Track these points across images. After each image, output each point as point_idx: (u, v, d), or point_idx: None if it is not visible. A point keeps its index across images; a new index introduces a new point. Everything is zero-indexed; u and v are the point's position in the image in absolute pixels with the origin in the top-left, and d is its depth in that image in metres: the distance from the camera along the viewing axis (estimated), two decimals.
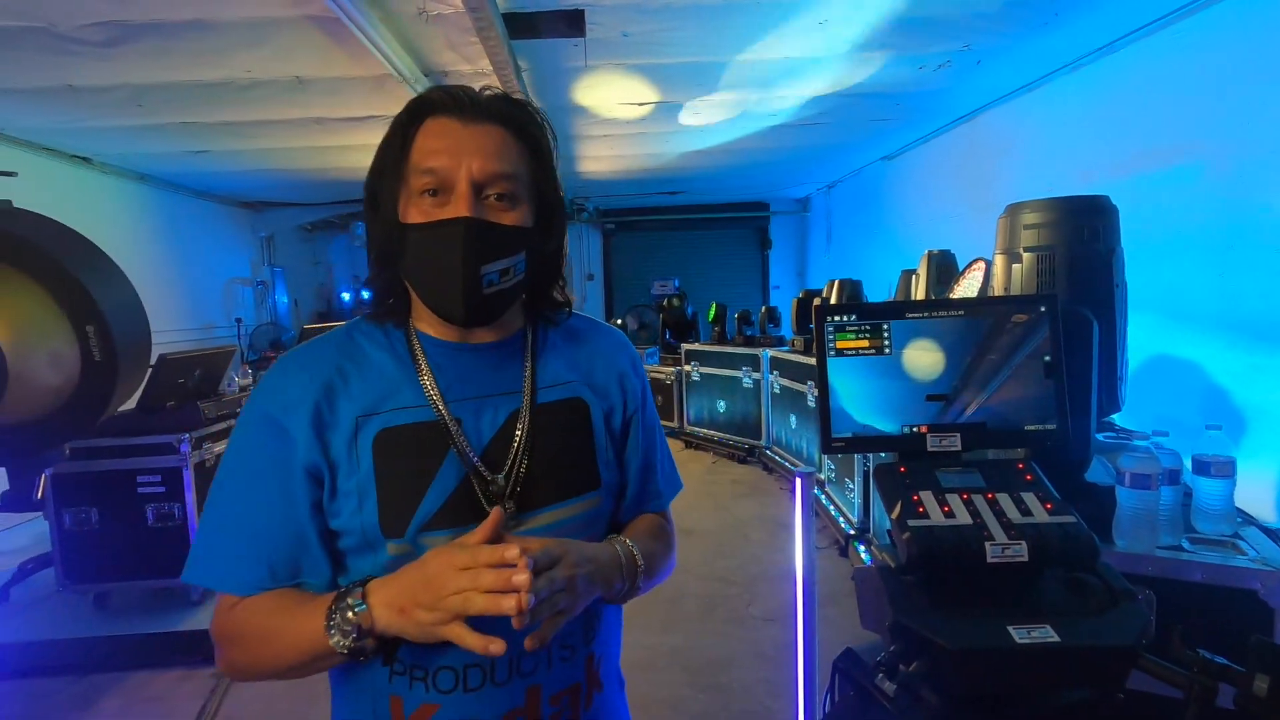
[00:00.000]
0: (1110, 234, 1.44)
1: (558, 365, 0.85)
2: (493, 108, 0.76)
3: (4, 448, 1.19)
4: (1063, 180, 4.04)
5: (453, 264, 0.72)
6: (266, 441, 0.75)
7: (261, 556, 0.74)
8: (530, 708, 0.76)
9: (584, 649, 0.81)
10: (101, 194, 5.77)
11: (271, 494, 0.74)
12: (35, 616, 3.32)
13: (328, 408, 0.75)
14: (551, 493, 0.79)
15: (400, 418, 0.76)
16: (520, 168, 0.77)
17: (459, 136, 0.74)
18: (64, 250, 1.12)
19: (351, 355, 0.79)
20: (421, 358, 0.79)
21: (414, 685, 0.75)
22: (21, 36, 3.10)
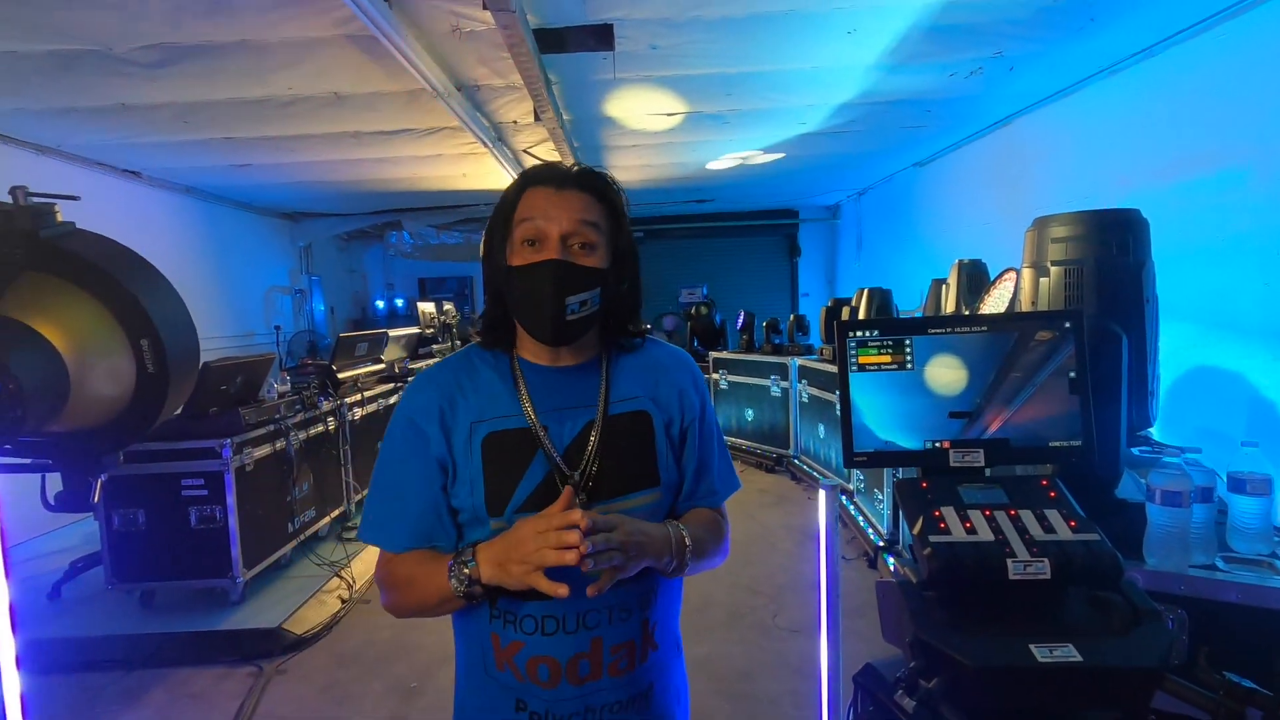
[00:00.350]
0: (1140, 247, 1.42)
1: (628, 384, 1.03)
2: (579, 179, 0.98)
3: (66, 454, 1.26)
4: (1100, 187, 3.96)
5: (545, 294, 0.92)
6: (410, 439, 0.98)
7: (410, 525, 0.98)
8: (594, 653, 0.96)
9: (640, 613, 0.99)
10: (150, 206, 6.01)
11: (416, 479, 0.97)
12: (85, 613, 3.46)
13: (450, 414, 0.98)
14: (617, 487, 0.98)
15: (502, 424, 0.97)
16: (599, 223, 0.97)
17: (552, 200, 0.95)
18: (121, 269, 1.18)
19: (469, 373, 1.01)
20: (520, 378, 1.00)
21: (506, 627, 0.96)
22: (79, 59, 3.26)
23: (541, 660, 0.94)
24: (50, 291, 1.14)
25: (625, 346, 1.06)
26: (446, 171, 6.15)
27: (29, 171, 4.66)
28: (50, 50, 3.14)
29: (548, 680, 0.95)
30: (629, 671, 0.98)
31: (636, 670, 0.98)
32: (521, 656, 0.95)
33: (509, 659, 0.96)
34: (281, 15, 2.90)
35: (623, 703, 0.98)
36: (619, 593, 0.94)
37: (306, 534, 4.04)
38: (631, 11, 3.11)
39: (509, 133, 5.02)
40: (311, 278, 8.65)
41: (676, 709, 1.09)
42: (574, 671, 0.95)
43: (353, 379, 4.84)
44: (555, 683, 0.95)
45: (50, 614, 3.47)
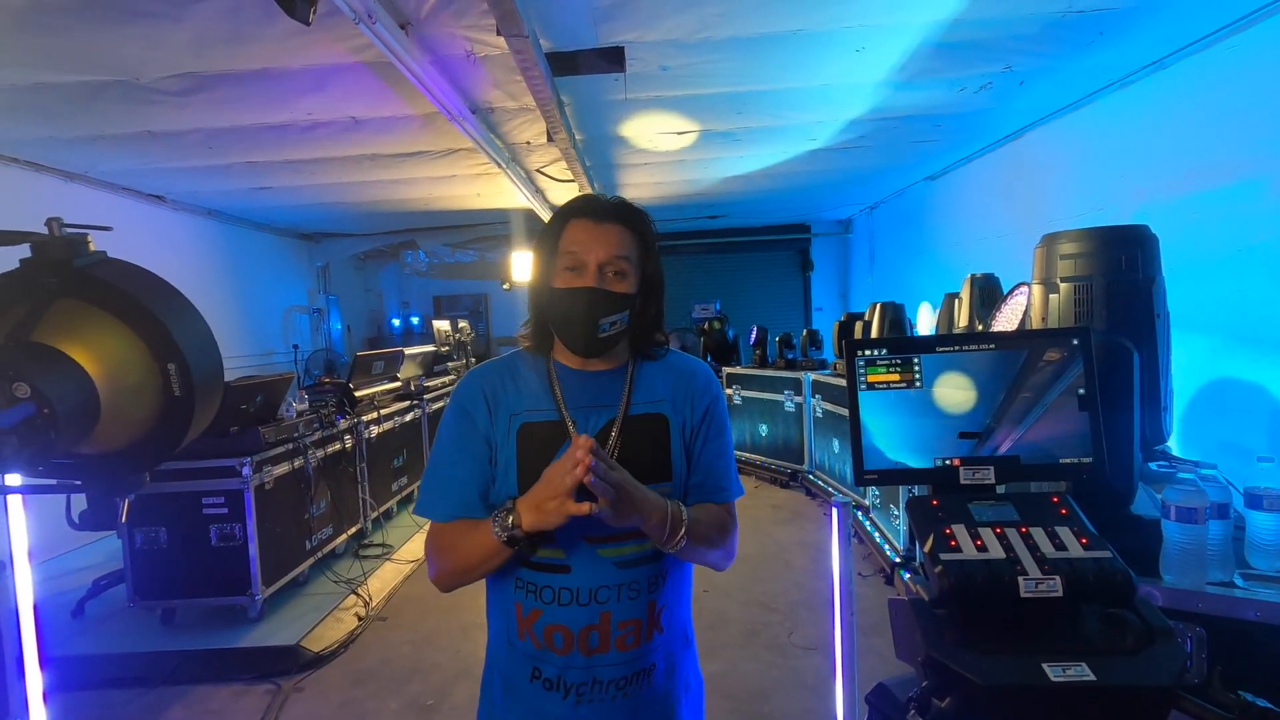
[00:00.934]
0: (1150, 263, 1.42)
1: (649, 388, 1.16)
2: (616, 212, 1.12)
3: (96, 475, 1.30)
4: (1112, 199, 3.95)
5: (580, 316, 1.07)
6: (462, 423, 1.13)
7: (460, 496, 1.11)
8: (603, 626, 1.07)
9: (647, 595, 1.10)
10: (174, 229, 6.14)
11: (467, 457, 1.11)
12: (107, 630, 3.51)
13: (494, 405, 1.12)
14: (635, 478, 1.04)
15: (536, 416, 1.12)
16: (631, 252, 1.11)
17: (592, 233, 1.09)
18: (149, 295, 1.22)
19: (512, 372, 1.16)
20: (554, 378, 1.14)
21: (528, 597, 1.09)
22: (107, 89, 3.36)
23: (557, 629, 1.07)
24: (82, 318, 1.18)
25: (650, 355, 1.19)
26: (461, 191, 6.24)
27: (58, 197, 4.79)
28: (79, 80, 3.25)
29: (561, 647, 1.06)
30: (634, 648, 1.08)
31: (641, 648, 1.09)
32: (540, 624, 1.07)
33: (529, 627, 1.08)
34: (302, 43, 2.98)
35: (627, 678, 1.08)
36: (629, 572, 1.08)
37: (324, 551, 4.07)
38: (642, 34, 3.17)
39: (522, 153, 5.10)
40: (329, 297, 8.77)
41: (684, 697, 1.18)
42: (585, 642, 1.06)
43: (369, 397, 4.90)
44: (568, 650, 1.06)
45: (74, 631, 3.52)
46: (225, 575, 3.38)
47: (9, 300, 1.16)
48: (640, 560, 1.09)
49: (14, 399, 1.05)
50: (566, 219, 1.12)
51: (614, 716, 1.09)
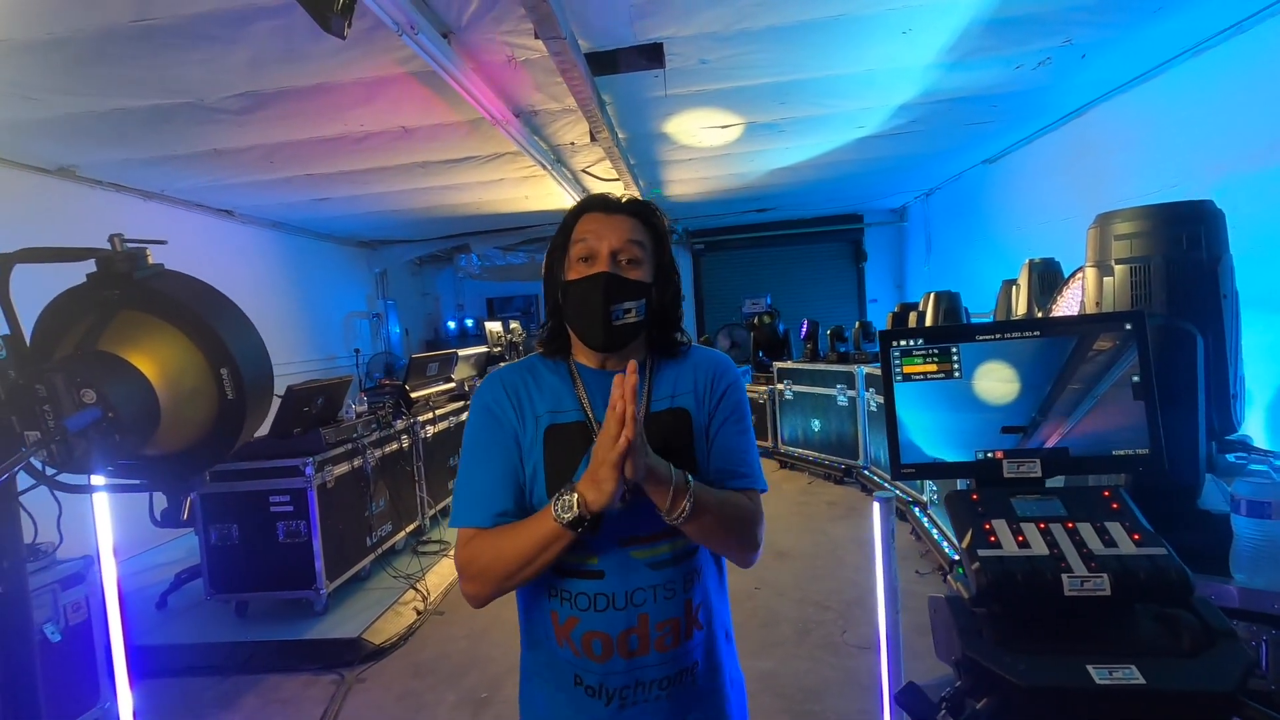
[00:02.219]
0: (1215, 241, 1.32)
1: (670, 384, 1.14)
2: (626, 206, 1.13)
3: (159, 475, 1.38)
4: (1188, 175, 3.72)
5: (595, 301, 1.05)
6: (489, 424, 1.11)
7: (498, 500, 1.07)
8: (641, 628, 1.05)
9: (683, 594, 1.08)
10: (242, 241, 6.47)
11: (497, 458, 1.09)
12: (187, 621, 3.73)
13: (519, 406, 1.11)
14: None
15: (563, 418, 1.10)
16: (644, 241, 1.11)
17: (604, 223, 1.10)
18: (203, 304, 1.29)
19: (534, 374, 1.15)
20: (577, 379, 1.13)
21: (564, 604, 1.07)
22: (176, 111, 3.57)
23: (595, 635, 1.04)
24: (142, 327, 1.25)
25: (669, 353, 1.16)
26: (509, 195, 6.35)
27: (138, 215, 5.12)
28: (151, 105, 3.46)
29: (601, 654, 1.04)
30: (674, 648, 1.06)
31: (681, 647, 1.07)
32: (578, 632, 1.05)
33: (567, 635, 1.06)
34: (350, 58, 3.09)
35: (670, 678, 1.06)
36: (664, 573, 1.06)
37: (384, 548, 4.22)
38: (680, 29, 3.15)
39: (567, 154, 5.15)
40: (387, 302, 9.07)
41: (730, 692, 1.15)
42: (624, 646, 1.04)
43: (425, 398, 5.05)
44: (607, 656, 1.04)
45: (157, 622, 3.75)
46: (292, 570, 3.54)
47: (78, 312, 1.25)
48: (674, 560, 1.07)
49: (82, 404, 1.13)
50: (578, 214, 1.13)
51: (659, 718, 1.07)
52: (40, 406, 1.13)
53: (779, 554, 4.19)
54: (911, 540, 4.30)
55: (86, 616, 2.66)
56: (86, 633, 2.65)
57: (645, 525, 1.05)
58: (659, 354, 1.16)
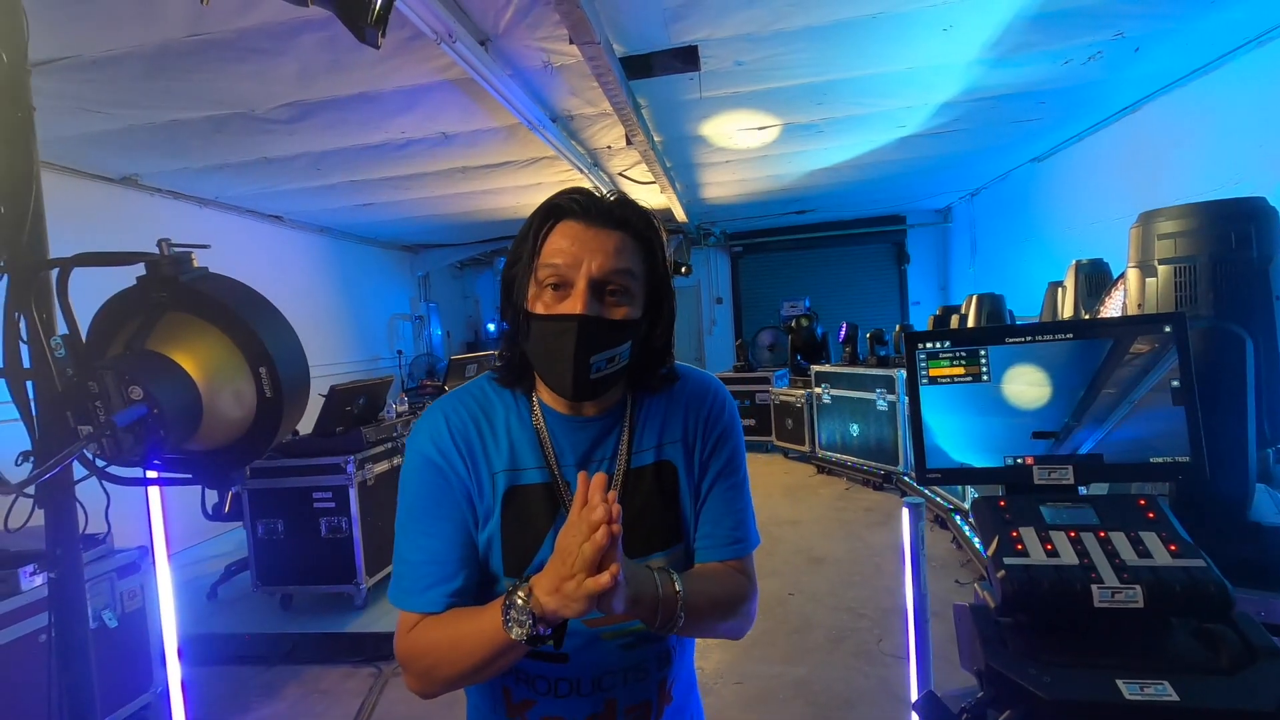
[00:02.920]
0: (1267, 240, 1.26)
1: (655, 430, 0.93)
2: (614, 213, 0.85)
3: (202, 469, 1.44)
4: (1251, 171, 3.55)
5: (566, 353, 0.82)
6: (434, 480, 0.88)
7: (447, 576, 0.86)
8: (608, 713, 0.90)
9: (657, 674, 0.93)
10: (291, 246, 6.70)
11: (446, 522, 0.87)
12: (236, 612, 3.87)
13: (470, 458, 0.88)
14: (638, 546, 0.88)
15: (524, 478, 0.88)
16: (635, 265, 0.85)
17: (583, 238, 0.83)
18: (243, 305, 1.35)
19: (487, 414, 0.91)
20: (542, 425, 0.90)
21: (519, 685, 0.90)
22: (228, 122, 3.72)
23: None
24: (186, 327, 1.31)
25: (654, 389, 0.94)
26: None
27: (194, 221, 5.35)
28: (205, 116, 3.61)
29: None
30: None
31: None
32: (533, 714, 0.90)
33: (521, 714, 0.91)
34: (391, 66, 3.18)
35: None
36: (635, 653, 0.90)
37: None
38: (714, 31, 3.15)
39: (604, 158, 5.19)
40: (429, 304, 9.26)
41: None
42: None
43: None
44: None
45: (208, 612, 3.91)
46: (334, 564, 3.64)
47: (127, 313, 1.32)
48: (648, 639, 0.90)
49: (129, 401, 1.19)
50: (552, 220, 0.85)
51: None
52: (92, 402, 1.20)
53: (814, 560, 4.13)
54: (952, 549, 4.19)
55: (141, 604, 2.79)
56: (141, 620, 2.78)
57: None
58: (642, 389, 0.94)
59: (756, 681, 2.90)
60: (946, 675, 1.90)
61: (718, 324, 9.84)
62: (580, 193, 0.86)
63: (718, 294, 9.81)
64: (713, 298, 9.82)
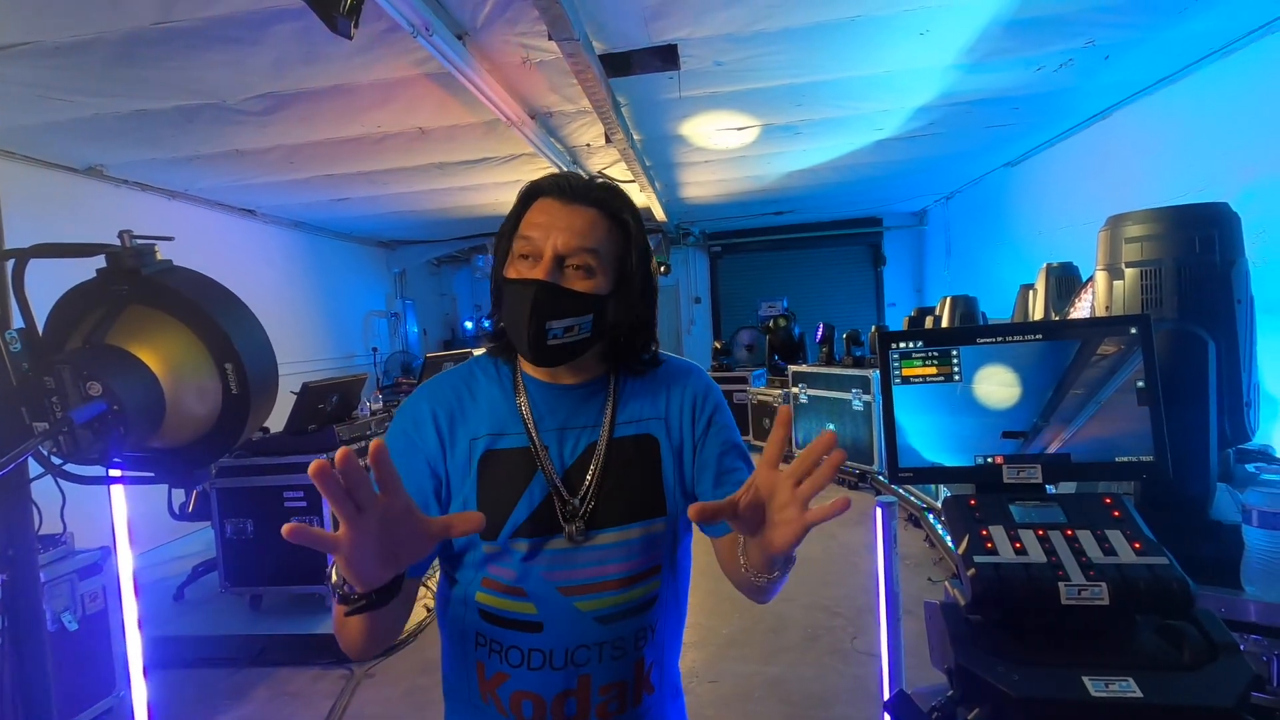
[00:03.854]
0: (1229, 245, 1.29)
1: (637, 405, 0.97)
2: (590, 194, 0.91)
3: (165, 468, 1.40)
4: (1216, 179, 3.64)
5: (523, 315, 0.86)
6: (403, 449, 0.92)
7: None
8: (581, 691, 0.89)
9: (634, 653, 0.92)
10: (264, 241, 6.57)
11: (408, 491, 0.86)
12: (203, 614, 3.79)
13: (448, 428, 0.92)
14: (617, 515, 0.91)
15: (502, 442, 0.92)
16: (604, 245, 0.90)
17: (555, 215, 0.89)
18: (209, 300, 1.31)
19: (470, 387, 0.96)
20: (522, 391, 0.95)
21: (492, 656, 0.91)
22: (199, 112, 3.63)
23: (526, 696, 0.89)
24: (149, 322, 1.28)
25: (636, 371, 0.99)
26: None
27: (164, 214, 5.23)
28: (175, 106, 3.52)
29: (531, 717, 0.89)
30: (618, 714, 0.91)
31: (627, 714, 0.92)
32: (505, 689, 0.90)
33: (492, 691, 0.91)
34: (367, 59, 3.13)
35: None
36: (613, 628, 0.90)
37: None
38: (694, 30, 3.15)
39: (583, 156, 5.17)
40: (406, 302, 9.16)
41: None
42: (559, 710, 0.89)
43: None
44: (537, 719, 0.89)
45: (175, 613, 3.82)
46: (305, 564, 3.58)
47: (86, 307, 1.27)
48: (626, 613, 0.91)
49: (88, 397, 1.15)
50: (531, 198, 0.92)
51: None
52: (49, 398, 1.16)
53: None
54: (925, 547, 4.25)
55: (103, 606, 2.71)
56: (103, 622, 2.71)
57: (592, 572, 0.89)
58: (625, 371, 0.98)
59: (732, 680, 2.91)
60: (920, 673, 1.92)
61: (696, 324, 9.87)
62: (561, 174, 0.92)
63: (696, 294, 9.84)
64: (691, 297, 9.84)
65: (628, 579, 0.90)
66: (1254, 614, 1.20)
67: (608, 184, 0.94)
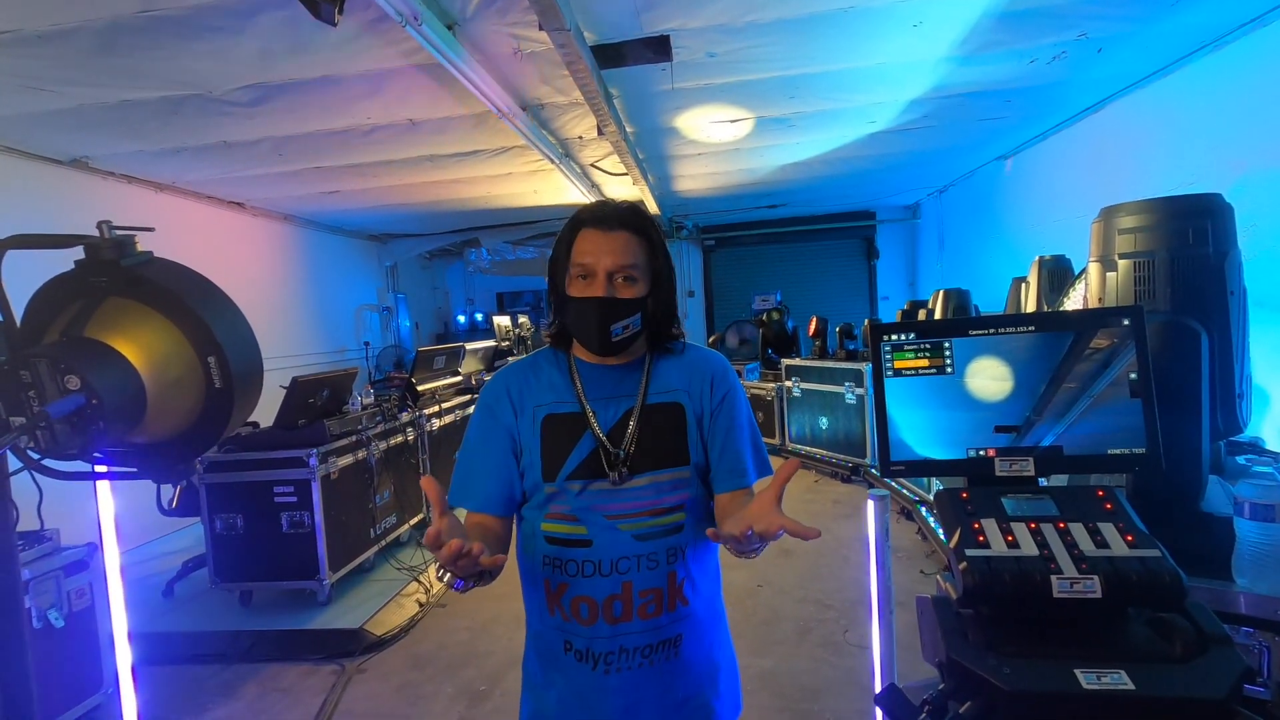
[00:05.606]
0: (1222, 236, 1.28)
1: (667, 379, 1.22)
2: (621, 219, 1.17)
3: (148, 463, 1.38)
4: (1207, 172, 3.64)
5: (592, 324, 1.15)
6: (486, 420, 1.22)
7: (483, 489, 1.18)
8: (625, 595, 1.13)
9: (666, 566, 1.15)
10: (253, 234, 6.51)
11: (491, 452, 1.20)
12: (192, 610, 3.76)
13: (518, 401, 1.21)
14: (651, 462, 1.16)
15: (559, 408, 1.19)
16: (640, 258, 1.17)
17: (600, 242, 1.15)
18: (191, 293, 1.29)
19: (534, 370, 1.25)
20: (575, 372, 1.22)
21: (555, 572, 1.16)
22: (184, 103, 3.59)
23: (583, 600, 1.13)
24: (129, 314, 1.25)
25: (666, 350, 1.24)
26: (518, 189, 6.34)
27: (150, 206, 5.16)
28: (160, 96, 3.48)
29: (587, 618, 1.13)
30: (656, 616, 1.14)
31: (664, 617, 1.14)
32: (567, 597, 1.14)
33: (557, 601, 1.15)
34: (355, 49, 3.09)
35: (652, 646, 1.14)
36: (647, 545, 1.14)
37: (388, 540, 4.24)
38: (687, 21, 3.12)
39: (575, 148, 5.13)
40: (397, 295, 9.11)
41: (720, 675, 1.22)
42: (609, 611, 1.12)
43: (431, 391, 5.06)
44: (593, 620, 1.13)
45: (163, 610, 3.79)
46: (296, 560, 3.56)
47: (64, 299, 1.25)
48: (658, 534, 1.15)
49: (66, 391, 1.13)
50: (576, 229, 1.18)
51: (642, 686, 1.14)
52: (25, 392, 1.14)
53: (783, 552, 4.16)
54: (918, 540, 4.26)
55: (90, 603, 2.69)
56: (90, 619, 2.68)
57: (630, 505, 1.15)
58: (656, 350, 1.24)
59: None
60: (912, 665, 1.92)
61: (689, 317, 9.85)
62: (599, 206, 1.19)
63: (689, 287, 9.82)
64: (685, 291, 9.82)
65: (659, 510, 1.15)
66: (1244, 606, 1.20)
67: (633, 206, 1.20)
